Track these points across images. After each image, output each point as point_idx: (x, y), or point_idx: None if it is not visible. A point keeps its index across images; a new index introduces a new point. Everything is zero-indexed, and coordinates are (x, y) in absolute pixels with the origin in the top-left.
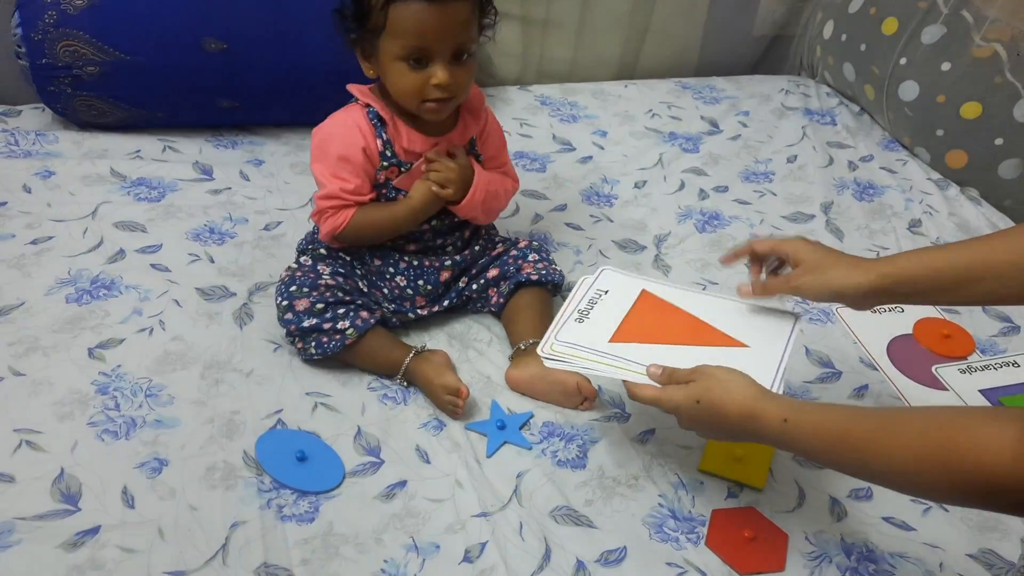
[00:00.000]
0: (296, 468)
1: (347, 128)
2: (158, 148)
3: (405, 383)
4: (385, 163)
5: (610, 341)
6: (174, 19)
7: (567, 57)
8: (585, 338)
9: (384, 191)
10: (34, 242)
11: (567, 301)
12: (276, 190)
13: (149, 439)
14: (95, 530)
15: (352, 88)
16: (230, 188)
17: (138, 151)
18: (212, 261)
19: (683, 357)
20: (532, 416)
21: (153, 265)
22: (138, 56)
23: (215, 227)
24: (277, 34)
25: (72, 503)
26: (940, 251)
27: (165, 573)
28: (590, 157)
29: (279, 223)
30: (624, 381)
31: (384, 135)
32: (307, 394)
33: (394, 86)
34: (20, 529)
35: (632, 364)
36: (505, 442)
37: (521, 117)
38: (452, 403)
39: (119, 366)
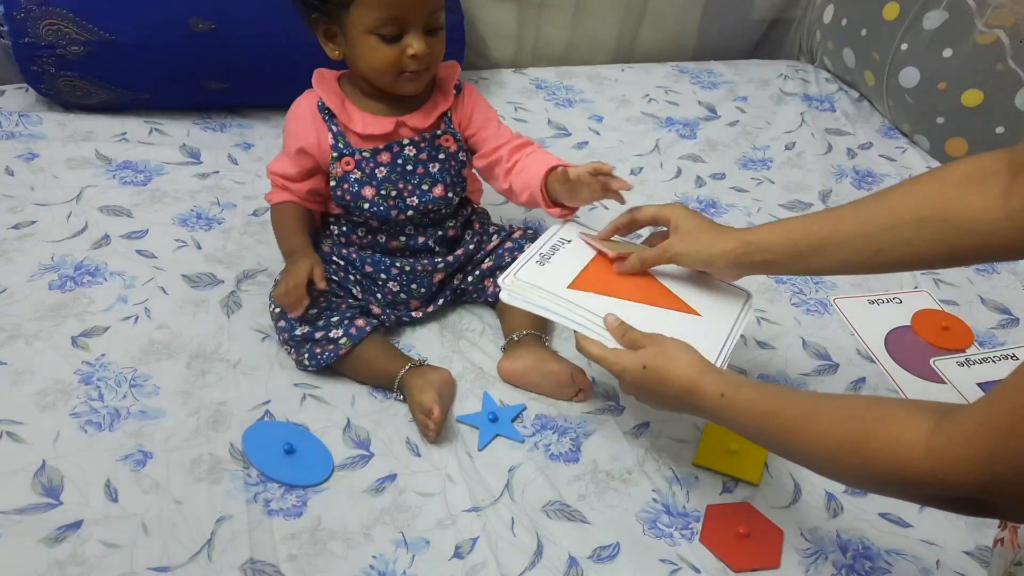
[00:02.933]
0: (284, 461)
1: (293, 122)
2: (144, 130)
3: (401, 397)
4: (336, 154)
5: (568, 287)
6: None
7: (563, 39)
8: (544, 280)
9: (345, 186)
10: (16, 227)
11: (532, 245)
12: (265, 174)
13: (133, 431)
14: (77, 524)
15: (316, 73)
16: (218, 172)
17: (124, 133)
18: (199, 247)
19: (637, 314)
20: (524, 409)
21: (139, 251)
22: (123, 35)
23: (202, 212)
24: (266, 14)
25: (54, 496)
26: (798, 220)
27: (149, 569)
28: (586, 143)
29: (268, 208)
30: (575, 333)
31: (334, 127)
32: (296, 385)
33: (365, 61)
34: (0, 523)
35: (587, 314)
36: (497, 435)
37: (516, 101)
38: (423, 423)
39: (103, 355)
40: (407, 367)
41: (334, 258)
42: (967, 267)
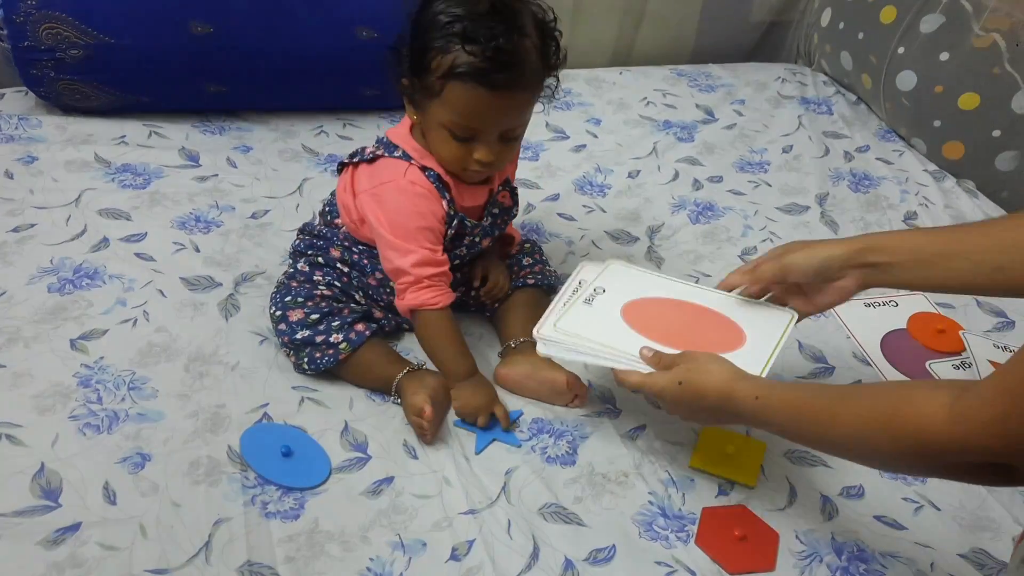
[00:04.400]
0: (281, 464)
1: (421, 198)
2: (143, 133)
3: (399, 400)
4: (449, 227)
5: (610, 331)
6: (159, 1)
7: (561, 42)
8: (584, 325)
9: (448, 248)
10: (16, 230)
11: (566, 284)
12: (264, 177)
13: (132, 433)
14: (76, 526)
15: (400, 142)
16: (217, 175)
17: (123, 136)
18: (198, 250)
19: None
20: (522, 414)
21: (137, 254)
22: (123, 39)
23: (201, 215)
24: (265, 17)
25: (52, 499)
26: (919, 229)
27: (147, 571)
28: (584, 146)
29: (267, 211)
30: (612, 369)
31: (447, 196)
32: (294, 388)
33: (435, 147)
34: None
35: (625, 355)
36: (494, 440)
37: None
38: (416, 424)
39: (102, 358)
40: (405, 371)
41: (339, 264)
42: None
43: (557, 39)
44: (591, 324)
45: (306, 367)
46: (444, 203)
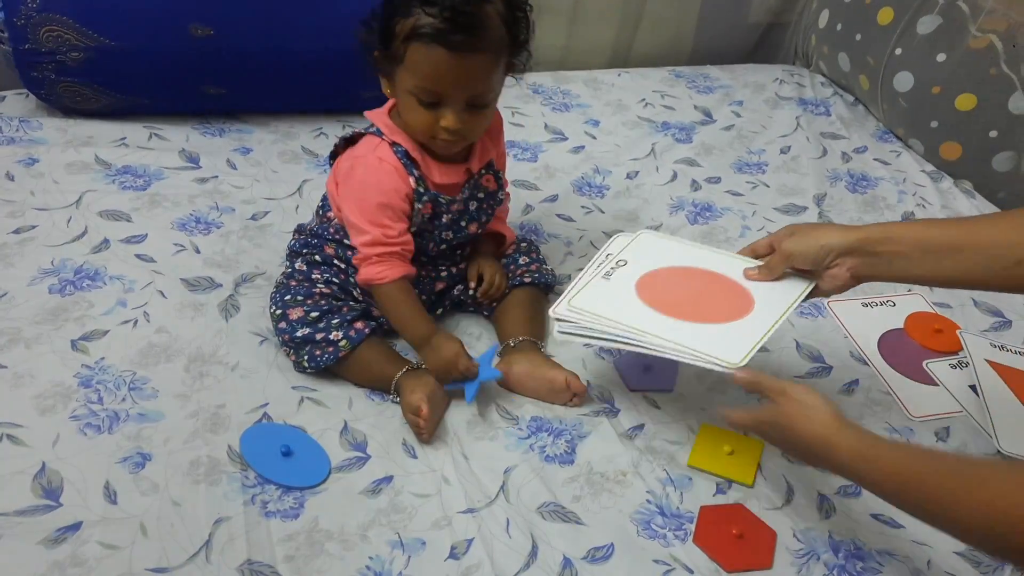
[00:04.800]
0: (281, 463)
1: (385, 174)
2: (144, 135)
3: (397, 399)
4: (419, 203)
5: (626, 309)
6: (159, 4)
7: (560, 44)
8: (597, 302)
9: (429, 228)
10: (17, 231)
11: (594, 257)
12: (264, 179)
13: (132, 433)
14: (76, 526)
15: (374, 118)
16: (217, 176)
17: (123, 138)
18: (198, 251)
19: (689, 332)
20: (498, 348)
21: (138, 255)
22: (123, 41)
23: (201, 216)
24: (265, 19)
25: (53, 498)
26: (930, 220)
27: (147, 570)
28: (582, 147)
29: (266, 212)
30: (725, 411)
31: (415, 172)
32: (293, 388)
33: (404, 116)
34: (0, 525)
35: (636, 335)
36: (481, 383)
37: (513, 106)
38: (413, 423)
39: (102, 358)
40: (404, 370)
41: (335, 261)
42: None
43: (526, 12)
44: (604, 300)
45: (306, 365)
46: (412, 180)
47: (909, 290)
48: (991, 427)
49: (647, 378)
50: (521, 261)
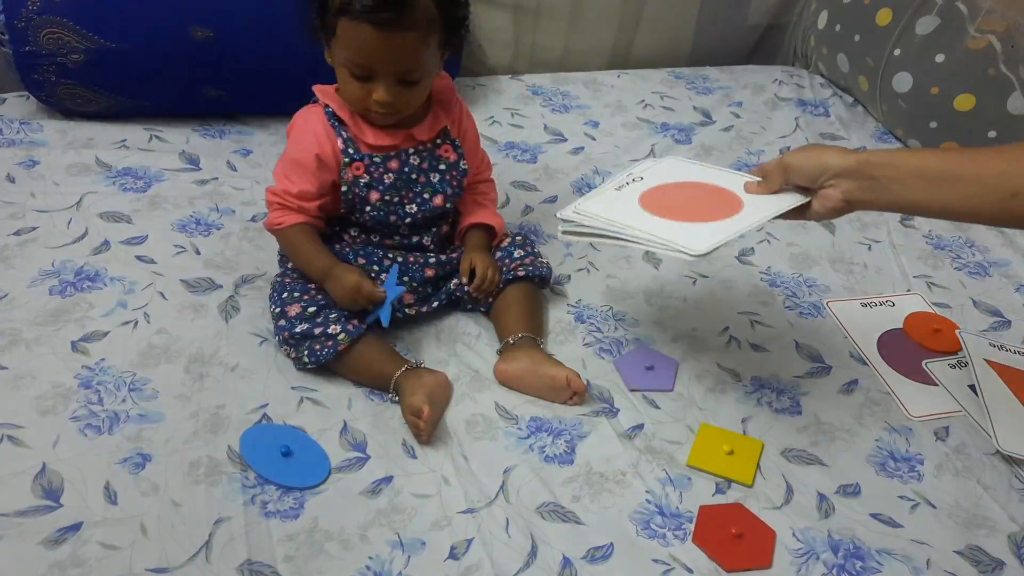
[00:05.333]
0: (281, 463)
1: (303, 132)
2: (144, 137)
3: (397, 399)
4: (347, 159)
5: (625, 212)
6: (160, 6)
7: (559, 46)
8: (600, 206)
9: (356, 191)
10: (17, 233)
11: (614, 176)
12: (264, 180)
13: (132, 434)
14: (77, 526)
15: (316, 88)
16: (217, 178)
17: (124, 140)
18: (198, 253)
19: (685, 230)
20: (404, 290)
21: (138, 257)
22: (123, 44)
23: (201, 218)
24: (265, 22)
25: (54, 499)
26: (931, 149)
27: (147, 570)
28: (582, 148)
29: (266, 214)
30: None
31: (344, 133)
32: (293, 388)
33: (340, 88)
34: (1, 525)
35: (631, 230)
36: (390, 303)
37: (512, 107)
38: (414, 424)
39: (103, 359)
40: (403, 369)
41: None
42: (960, 270)
43: None
44: (606, 205)
45: (307, 360)
46: (339, 140)
47: (908, 290)
48: (990, 426)
49: (646, 378)
50: (516, 254)
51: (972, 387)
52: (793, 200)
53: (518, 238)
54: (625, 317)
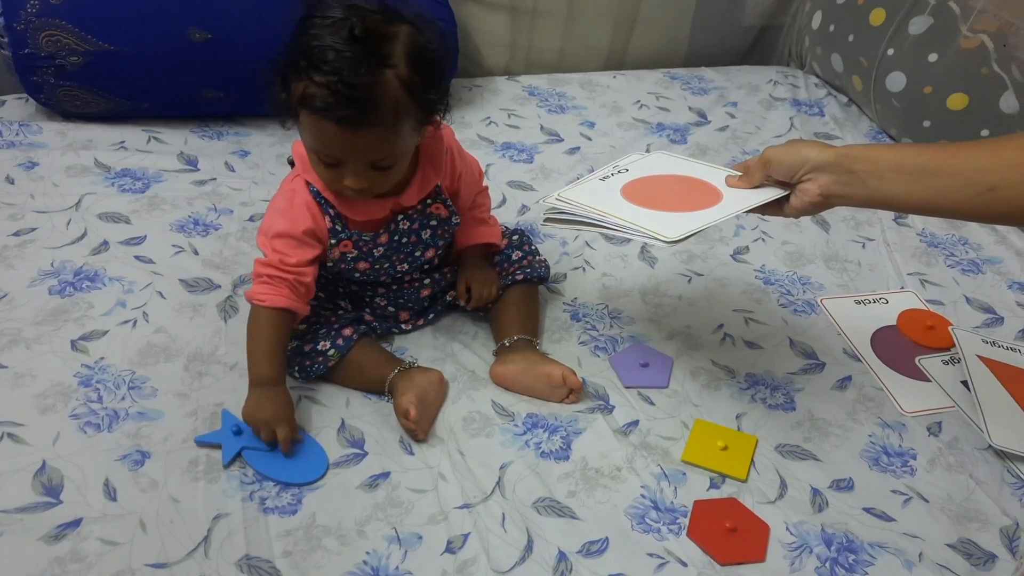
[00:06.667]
0: (279, 460)
1: (293, 207)
2: (143, 139)
3: (392, 399)
4: (334, 240)
5: (606, 202)
6: (158, 8)
7: (555, 47)
8: (583, 195)
9: (344, 266)
10: (17, 234)
11: (600, 168)
12: (262, 181)
13: (132, 431)
14: (77, 522)
15: (296, 149)
16: (215, 179)
17: (122, 142)
18: (196, 253)
19: (667, 220)
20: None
21: (137, 257)
22: (122, 46)
23: (199, 219)
24: (262, 23)
25: (54, 496)
26: (908, 144)
27: (147, 565)
28: (578, 148)
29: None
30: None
31: (331, 211)
32: (291, 387)
33: (313, 168)
34: (2, 522)
35: (610, 218)
36: (242, 448)
37: (509, 108)
38: (404, 426)
39: (102, 358)
40: (396, 370)
41: (321, 272)
42: (953, 267)
43: (436, 68)
44: (589, 194)
45: (297, 376)
46: (327, 219)
47: (902, 287)
48: (982, 422)
49: (642, 375)
50: (514, 257)
51: (965, 383)
52: (772, 193)
53: (515, 238)
54: (620, 315)
